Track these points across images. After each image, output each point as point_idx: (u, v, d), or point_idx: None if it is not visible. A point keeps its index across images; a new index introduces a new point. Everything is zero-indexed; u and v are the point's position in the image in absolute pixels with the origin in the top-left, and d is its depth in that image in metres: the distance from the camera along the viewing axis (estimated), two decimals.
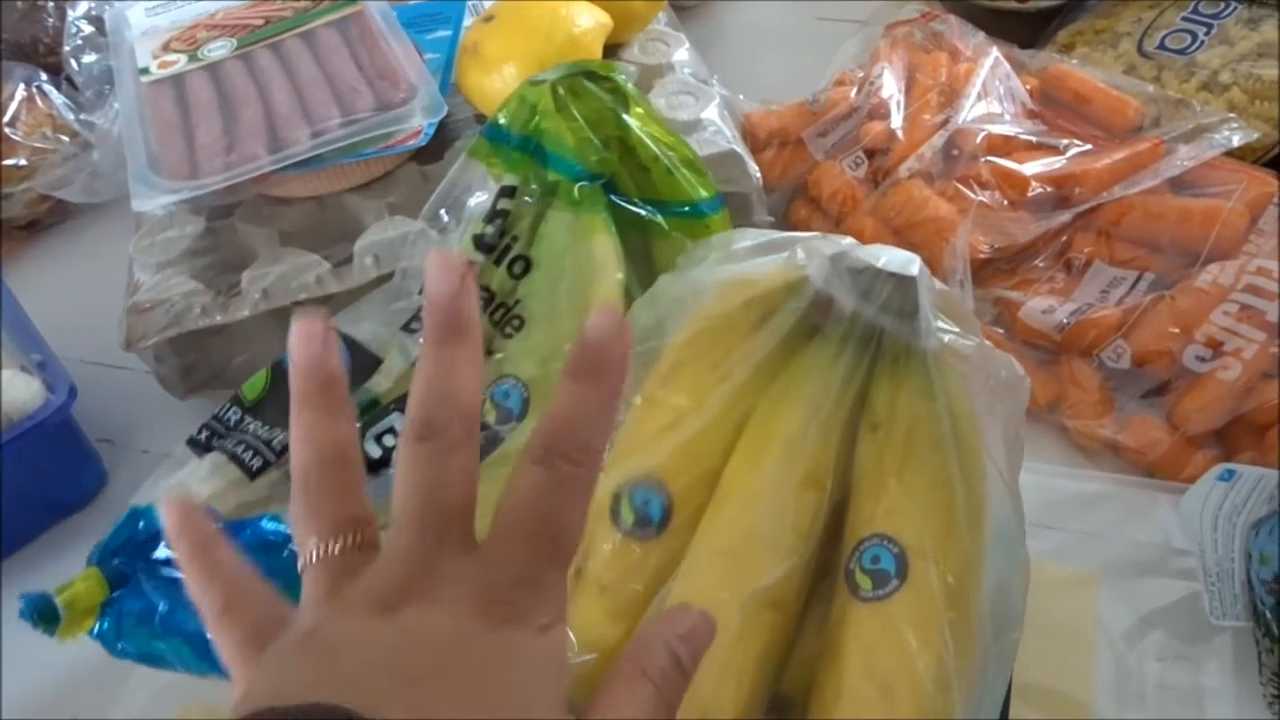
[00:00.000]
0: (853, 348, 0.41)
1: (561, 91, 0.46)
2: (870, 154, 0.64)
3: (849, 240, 0.42)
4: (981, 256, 0.59)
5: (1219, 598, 0.43)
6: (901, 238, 0.61)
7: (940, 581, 0.39)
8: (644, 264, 0.49)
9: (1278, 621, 0.41)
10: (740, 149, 0.61)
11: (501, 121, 0.47)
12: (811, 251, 0.43)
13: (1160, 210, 0.58)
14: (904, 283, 0.40)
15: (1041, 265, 0.60)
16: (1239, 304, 0.52)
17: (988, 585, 0.41)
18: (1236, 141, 0.58)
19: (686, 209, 0.48)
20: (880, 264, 0.40)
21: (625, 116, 0.47)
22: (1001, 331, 0.58)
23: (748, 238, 0.45)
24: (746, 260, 0.45)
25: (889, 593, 0.39)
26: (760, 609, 0.40)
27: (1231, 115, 0.60)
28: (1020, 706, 0.45)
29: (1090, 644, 0.48)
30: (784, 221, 0.66)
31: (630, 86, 0.48)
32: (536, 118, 0.46)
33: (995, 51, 0.65)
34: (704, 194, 0.49)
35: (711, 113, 0.63)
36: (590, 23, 0.62)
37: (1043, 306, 0.56)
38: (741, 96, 0.70)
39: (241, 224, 0.59)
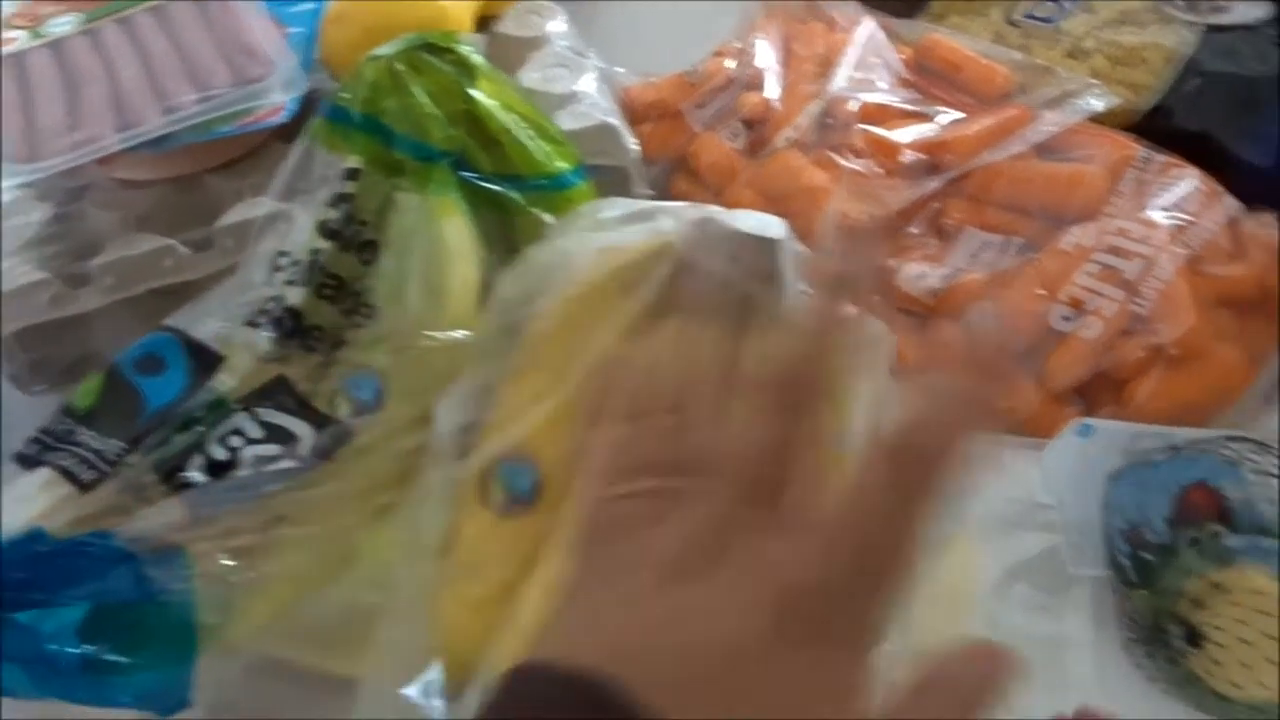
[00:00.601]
0: (720, 312, 0.41)
1: (401, 67, 0.44)
2: (749, 125, 0.64)
3: (714, 207, 0.42)
4: (856, 225, 0.59)
5: (1078, 549, 0.44)
6: (779, 207, 0.60)
7: None
8: (503, 243, 0.48)
9: (1134, 569, 0.42)
10: (616, 122, 0.60)
11: (342, 100, 0.46)
12: (677, 218, 0.42)
13: (1027, 175, 0.59)
14: (766, 246, 0.40)
15: (916, 232, 0.60)
16: (1099, 264, 0.53)
17: None
18: (1099, 107, 0.60)
19: (545, 182, 0.47)
20: (743, 228, 0.40)
21: (471, 90, 0.46)
22: (878, 298, 0.58)
23: (616, 207, 0.45)
24: (614, 229, 0.45)
25: None
26: None
27: (1095, 81, 0.61)
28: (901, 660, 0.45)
29: (971, 601, 0.48)
30: (664, 194, 0.66)
31: (477, 58, 0.47)
32: (376, 95, 0.44)
33: (870, 21, 0.65)
34: (564, 165, 0.48)
35: (587, 85, 0.62)
36: None
37: (916, 273, 0.57)
38: (621, 69, 0.69)
39: (92, 209, 0.56)
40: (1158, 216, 0.54)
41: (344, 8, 0.59)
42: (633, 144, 0.61)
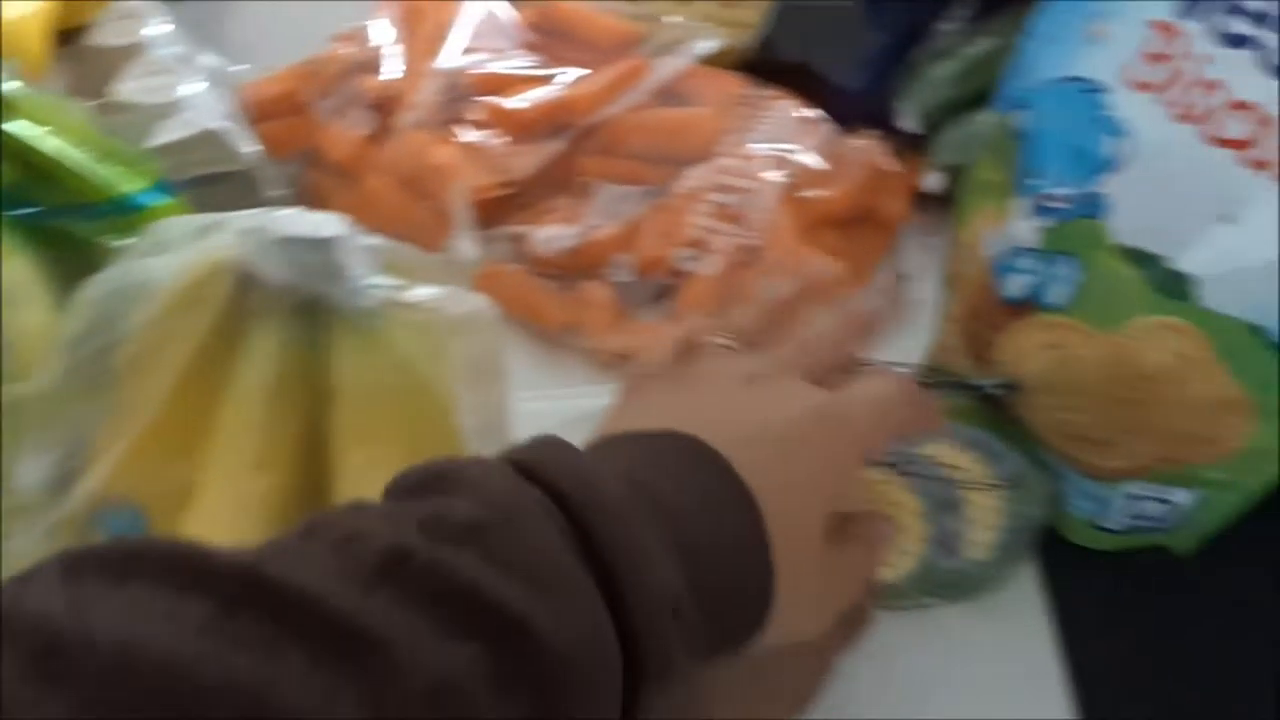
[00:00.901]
0: (293, 320, 0.40)
1: None
2: (375, 109, 0.63)
3: (270, 213, 0.41)
4: (493, 195, 0.59)
5: None
6: (413, 189, 0.60)
7: None
8: (86, 278, 0.45)
9: None
10: (224, 126, 0.58)
11: None
12: (234, 229, 0.41)
13: (647, 124, 0.60)
14: (322, 246, 0.39)
15: (554, 194, 0.61)
16: (712, 203, 0.56)
17: None
18: (709, 49, 0.62)
19: (111, 207, 0.45)
20: (293, 232, 0.39)
21: (7, 125, 0.43)
22: (519, 266, 0.58)
23: (178, 225, 0.43)
24: (182, 247, 0.43)
25: None
26: None
27: (704, 25, 0.63)
28: None
29: None
30: (301, 191, 0.63)
31: (10, 85, 0.44)
32: None
33: None
34: (134, 186, 0.45)
35: (193, 91, 0.59)
36: (24, 9, 0.56)
37: (549, 235, 0.57)
38: (245, 67, 0.66)
39: None
40: (759, 149, 0.57)
41: None
42: (248, 146, 0.58)
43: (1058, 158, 0.42)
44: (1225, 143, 0.37)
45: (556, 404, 0.54)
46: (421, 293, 0.42)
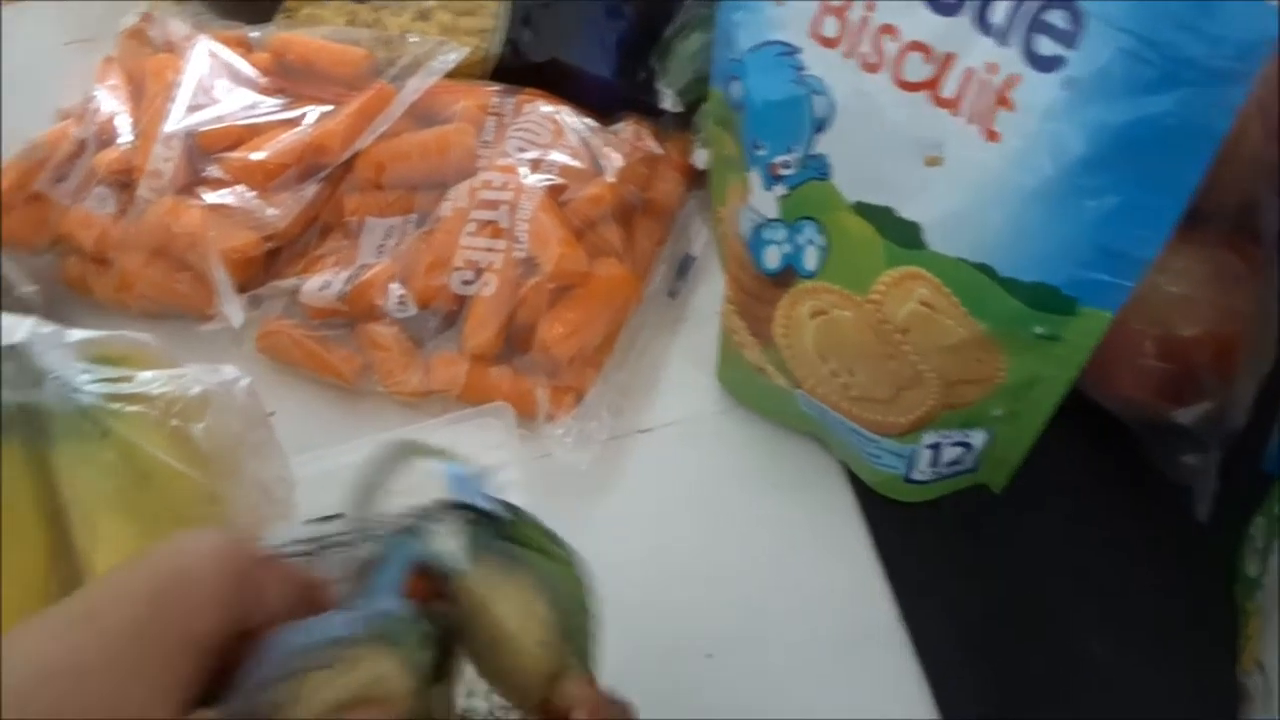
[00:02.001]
0: (12, 437, 0.37)
1: None
2: (116, 184, 0.59)
3: None
4: (258, 252, 0.56)
5: None
6: (169, 261, 0.57)
7: None
8: None
9: None
10: None
11: None
12: None
13: (403, 150, 0.58)
14: (15, 353, 0.36)
15: (325, 239, 0.58)
16: (477, 221, 0.54)
17: None
18: (452, 62, 0.60)
19: None
20: None
21: None
22: (297, 320, 0.56)
23: None
24: None
25: None
26: None
27: (443, 39, 0.61)
28: None
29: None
30: (61, 280, 0.60)
31: None
32: None
33: (204, 40, 0.61)
34: None
35: None
36: None
37: (319, 284, 0.55)
38: None
39: None
40: (516, 156, 0.55)
41: None
42: None
43: (772, 124, 0.41)
44: (912, 86, 0.36)
45: (351, 458, 0.51)
46: (148, 378, 0.39)
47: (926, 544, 0.46)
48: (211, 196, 0.56)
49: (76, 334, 0.38)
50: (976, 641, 0.44)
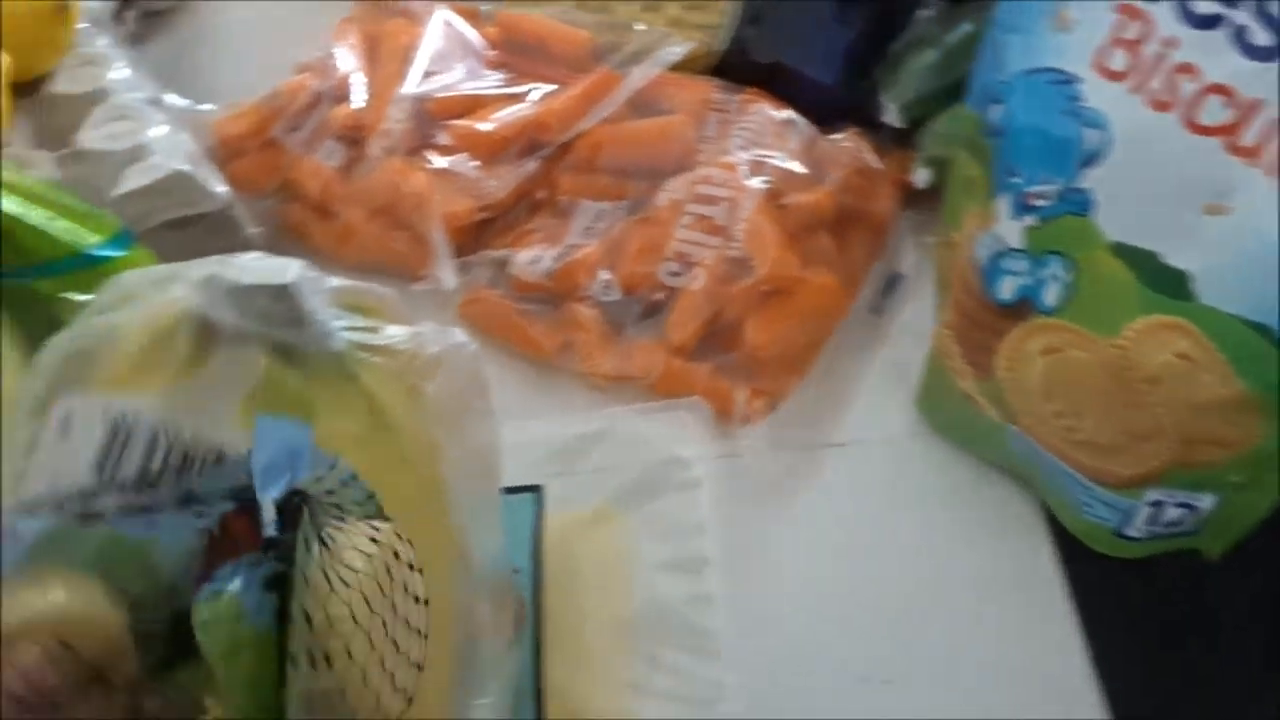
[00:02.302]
0: (266, 369, 0.39)
1: None
2: (344, 140, 0.61)
3: (227, 260, 0.40)
4: (472, 220, 0.58)
5: None
6: (388, 219, 0.59)
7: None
8: (52, 334, 0.44)
9: None
10: (193, 167, 0.56)
11: None
12: (187, 280, 0.39)
13: (623, 137, 0.59)
14: (282, 293, 0.38)
15: (535, 214, 0.60)
16: (693, 215, 0.54)
17: (475, 561, 0.41)
18: (678, 54, 0.60)
19: (73, 262, 0.44)
20: (247, 280, 0.38)
21: None
22: (502, 292, 0.57)
23: (134, 278, 0.41)
24: (145, 300, 0.41)
25: None
26: None
27: (670, 31, 0.62)
28: (564, 668, 0.45)
29: (625, 579, 0.48)
30: (279, 226, 0.62)
31: None
32: None
33: (442, 10, 0.63)
34: (95, 239, 0.44)
35: (158, 134, 0.58)
36: None
37: (529, 258, 0.56)
38: (210, 106, 0.65)
39: None
40: (738, 155, 0.55)
41: None
42: (219, 186, 0.57)
43: (1034, 153, 0.40)
44: (1206, 130, 0.35)
45: (548, 431, 0.53)
46: (393, 333, 0.41)
47: (1133, 603, 0.45)
48: (438, 161, 0.58)
49: (334, 281, 0.40)
50: (1176, 712, 0.42)
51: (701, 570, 0.46)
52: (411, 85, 0.60)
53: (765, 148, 0.55)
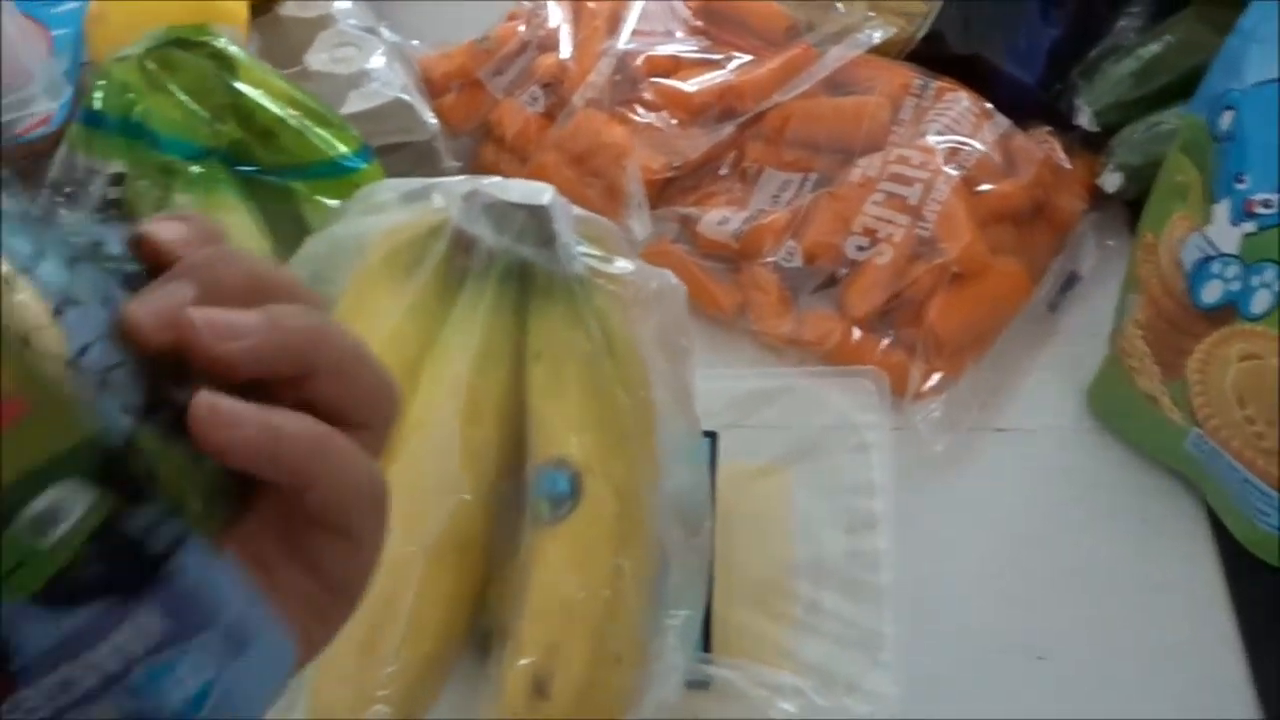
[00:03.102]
0: (502, 283, 0.42)
1: (153, 66, 0.43)
2: (547, 87, 0.64)
3: (487, 179, 0.42)
4: (662, 176, 0.60)
5: None
6: (583, 167, 0.61)
7: (613, 494, 0.41)
8: (298, 235, 0.47)
9: None
10: (410, 97, 0.60)
11: (96, 105, 0.44)
12: (448, 194, 0.42)
13: (816, 112, 0.60)
14: (537, 213, 0.41)
15: (720, 177, 0.62)
16: (885, 193, 0.56)
17: (670, 488, 0.43)
18: (877, 38, 0.62)
19: (326, 168, 0.47)
20: (511, 198, 0.41)
21: (235, 82, 0.45)
22: (686, 247, 0.59)
23: (388, 188, 0.45)
24: (394, 209, 0.44)
25: (565, 514, 0.40)
26: (444, 554, 0.40)
27: (871, 14, 0.63)
28: (727, 599, 0.47)
29: (788, 531, 0.51)
30: (472, 164, 0.65)
31: (234, 49, 0.46)
32: (129, 97, 0.43)
33: None
34: (344, 149, 0.48)
35: (378, 62, 0.61)
36: None
37: (718, 218, 0.58)
38: (416, 42, 0.68)
39: None
40: (934, 141, 0.57)
41: (104, 6, 0.56)
42: (430, 118, 0.60)
43: (1265, 162, 0.41)
44: None
45: (725, 383, 0.55)
46: (621, 265, 0.43)
47: None
48: (640, 116, 0.60)
49: (577, 210, 0.43)
50: None
51: (872, 528, 0.48)
52: (619, 41, 0.62)
53: (963, 136, 0.57)
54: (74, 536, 0.18)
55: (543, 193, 0.41)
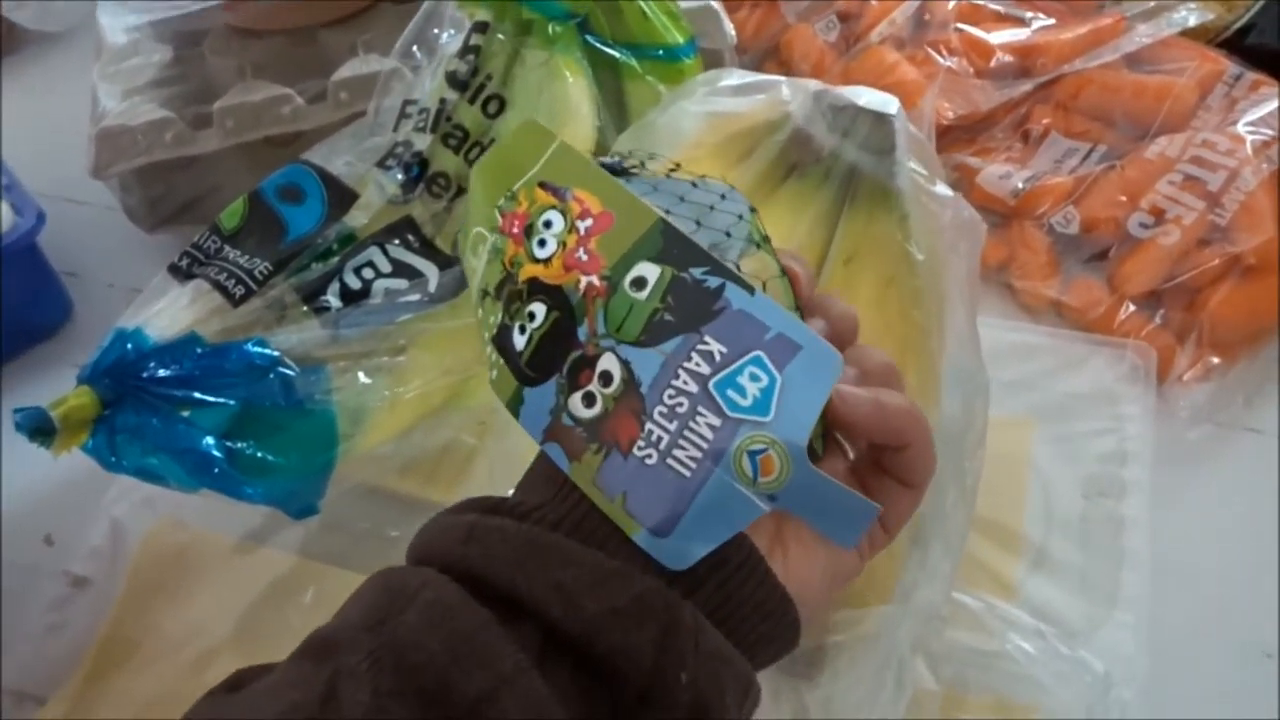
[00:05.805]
0: (829, 183, 0.43)
1: None
2: (844, 18, 0.65)
3: (824, 84, 0.44)
4: (945, 122, 0.61)
5: None
6: None
7: None
8: (616, 106, 0.50)
9: None
10: (716, 5, 0.61)
11: None
12: (795, 89, 0.44)
13: (1117, 85, 0.60)
14: (882, 121, 0.42)
15: (1000, 134, 0.62)
16: (1183, 174, 0.55)
17: (950, 409, 0.45)
18: (1193, 22, 0.61)
19: (660, 52, 0.49)
20: (861, 102, 0.42)
21: None
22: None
23: (734, 76, 0.46)
24: (729, 98, 0.46)
25: None
26: None
27: None
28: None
29: (1023, 481, 0.51)
30: None
31: None
32: None
33: None
34: (679, 38, 0.49)
35: None
36: None
37: (1000, 173, 0.59)
38: None
39: (210, 55, 0.58)
40: (1244, 131, 0.56)
41: None
42: (730, 29, 0.62)
43: None
44: None
45: (984, 331, 0.55)
46: (941, 189, 0.44)
47: None
48: (941, 59, 0.61)
49: (911, 127, 0.44)
50: None
51: (1119, 496, 0.49)
52: None
53: (1272, 130, 0.55)
54: (656, 291, 0.28)
55: (890, 103, 0.42)
